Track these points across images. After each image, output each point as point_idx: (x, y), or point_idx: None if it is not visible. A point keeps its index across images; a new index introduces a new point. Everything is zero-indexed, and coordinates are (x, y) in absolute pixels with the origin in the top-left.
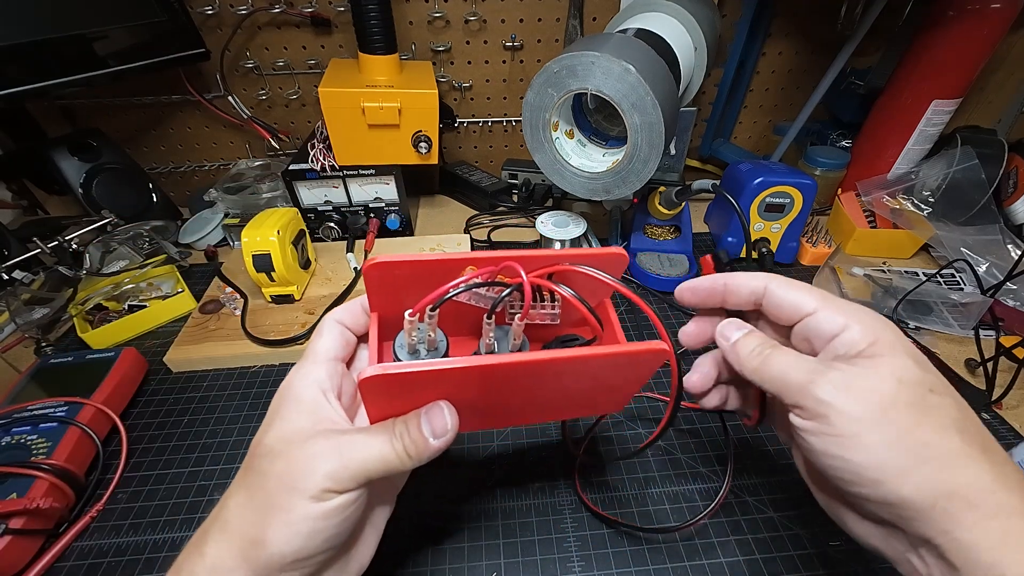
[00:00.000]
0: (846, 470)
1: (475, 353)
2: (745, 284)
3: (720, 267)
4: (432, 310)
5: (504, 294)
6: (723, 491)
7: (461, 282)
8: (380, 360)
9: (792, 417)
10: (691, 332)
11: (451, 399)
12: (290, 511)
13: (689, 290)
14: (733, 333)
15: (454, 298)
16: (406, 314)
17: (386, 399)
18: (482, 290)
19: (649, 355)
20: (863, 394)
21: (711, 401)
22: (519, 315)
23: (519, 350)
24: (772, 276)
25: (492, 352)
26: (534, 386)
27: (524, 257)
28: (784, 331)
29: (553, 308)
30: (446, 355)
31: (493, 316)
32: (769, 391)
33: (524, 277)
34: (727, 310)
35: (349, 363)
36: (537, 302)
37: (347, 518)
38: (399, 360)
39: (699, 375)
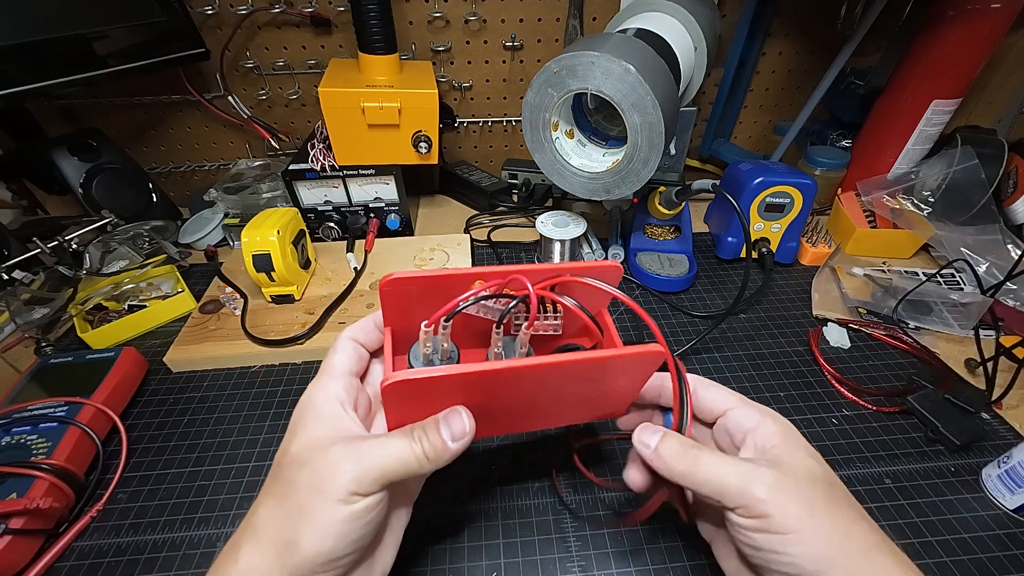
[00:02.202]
0: (788, 564)
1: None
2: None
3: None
4: (446, 321)
5: (511, 304)
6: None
7: (471, 295)
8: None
9: (734, 517)
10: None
11: (465, 404)
12: (320, 513)
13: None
14: (650, 438)
15: (464, 311)
16: (422, 325)
17: (406, 405)
18: (490, 302)
19: (646, 357)
20: (793, 493)
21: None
22: (526, 324)
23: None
24: (699, 380)
25: (499, 359)
26: (541, 391)
27: (527, 271)
28: (707, 427)
29: (556, 319)
30: (459, 363)
31: (501, 326)
32: (703, 494)
33: (530, 288)
34: (660, 406)
35: (362, 378)
36: (541, 313)
37: (372, 520)
38: (412, 367)
39: (635, 472)
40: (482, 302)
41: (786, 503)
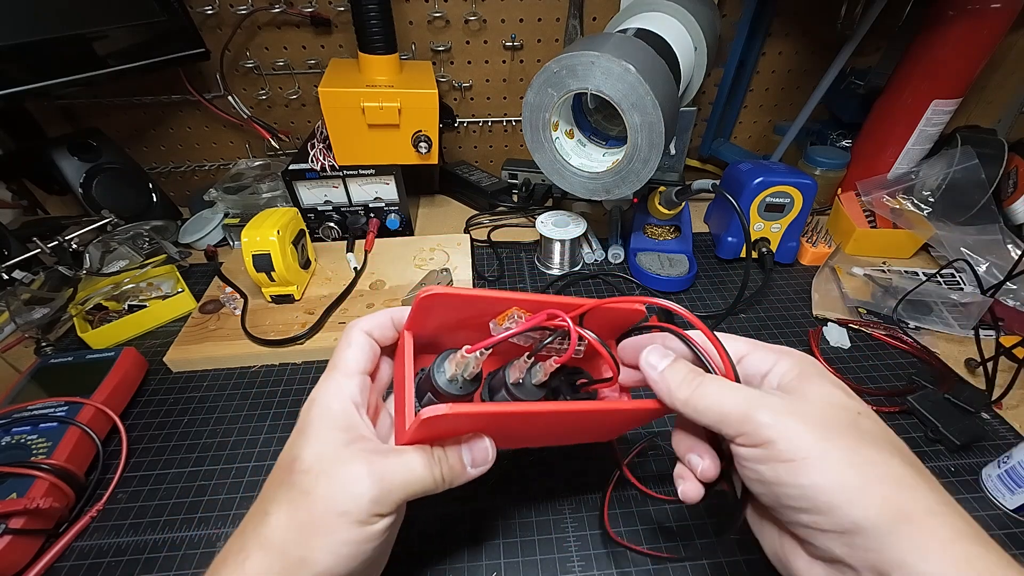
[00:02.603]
0: (799, 497)
1: (504, 375)
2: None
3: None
4: (487, 349)
5: (547, 340)
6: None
7: (520, 330)
8: (415, 374)
9: (735, 448)
10: (625, 372)
11: (487, 430)
12: (339, 534)
13: (631, 344)
14: (659, 361)
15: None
16: (464, 350)
17: (435, 430)
18: (532, 333)
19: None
20: (803, 417)
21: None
22: (555, 358)
23: (543, 384)
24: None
25: (519, 383)
26: (561, 423)
27: (562, 304)
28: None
29: (580, 347)
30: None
31: (533, 356)
32: (705, 423)
33: (571, 325)
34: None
35: (372, 375)
36: (561, 341)
37: (387, 538)
38: (436, 384)
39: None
40: (531, 332)
41: (792, 427)
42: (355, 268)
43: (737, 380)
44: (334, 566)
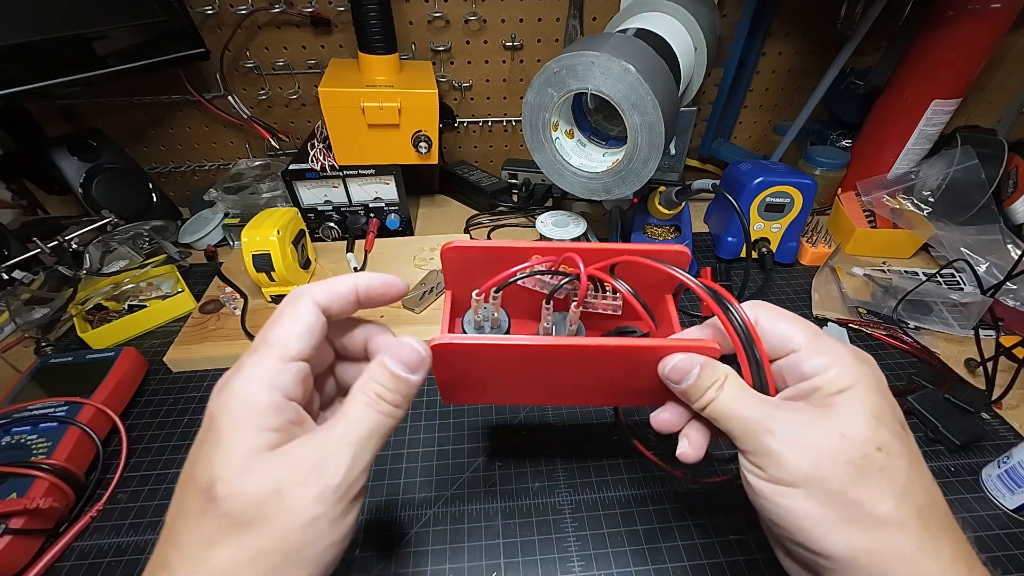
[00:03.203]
0: (776, 513)
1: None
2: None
3: (717, 278)
4: (496, 292)
5: (562, 282)
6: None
7: (525, 267)
8: (451, 332)
9: (739, 455)
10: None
11: (511, 374)
12: (317, 544)
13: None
14: (685, 371)
15: (520, 283)
16: (473, 294)
17: (453, 369)
18: (545, 277)
19: (697, 351)
20: (803, 448)
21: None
22: (575, 304)
23: (575, 335)
24: (763, 306)
25: (548, 333)
26: (584, 371)
27: (587, 249)
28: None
29: (615, 299)
30: (508, 333)
31: (551, 302)
32: (719, 427)
33: (581, 268)
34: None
35: (324, 376)
36: (599, 293)
37: (353, 525)
38: (464, 330)
39: (668, 413)
40: (536, 276)
41: (787, 454)
42: (355, 268)
43: (763, 388)
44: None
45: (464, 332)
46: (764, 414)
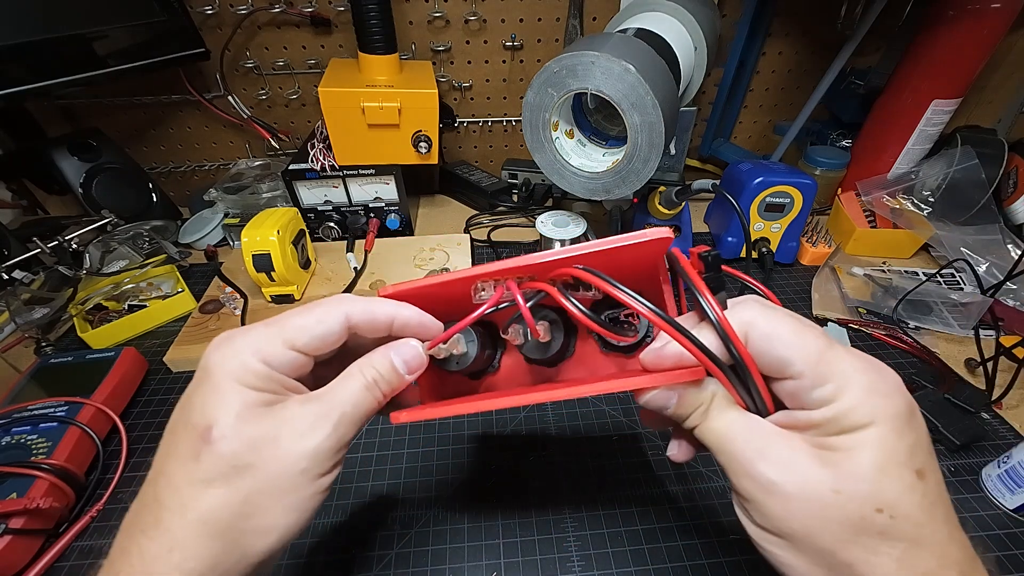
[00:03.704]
0: (765, 557)
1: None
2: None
3: (707, 268)
4: (445, 343)
5: (509, 322)
6: None
7: (460, 326)
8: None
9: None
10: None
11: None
12: (299, 492)
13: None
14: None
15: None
16: (421, 348)
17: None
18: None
19: (671, 381)
20: (792, 501)
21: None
22: (532, 331)
23: (551, 339)
24: (758, 307)
25: (522, 345)
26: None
27: (531, 266)
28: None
29: (594, 292)
30: (482, 352)
31: (508, 330)
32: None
33: (520, 301)
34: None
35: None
36: (578, 291)
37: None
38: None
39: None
40: (476, 317)
41: (775, 507)
42: (355, 268)
43: (759, 408)
44: (294, 524)
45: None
46: (752, 452)
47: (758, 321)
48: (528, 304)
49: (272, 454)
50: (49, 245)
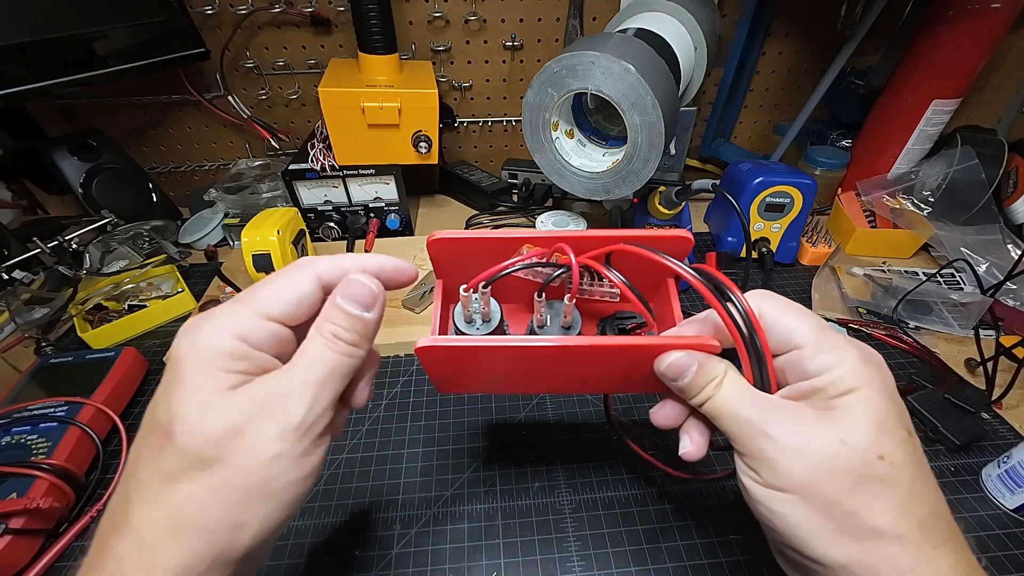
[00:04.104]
0: (771, 518)
1: (529, 326)
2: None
3: (722, 265)
4: (484, 287)
5: (554, 275)
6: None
7: (514, 261)
8: (443, 323)
9: (735, 455)
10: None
11: (502, 369)
12: (281, 479)
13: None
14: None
15: (512, 275)
16: (460, 289)
17: (444, 368)
18: (538, 268)
19: (694, 350)
20: (800, 454)
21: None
22: (568, 295)
23: (569, 327)
24: (768, 296)
25: (543, 326)
26: (577, 366)
27: (580, 238)
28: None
29: (612, 287)
30: (500, 324)
31: (543, 294)
32: (716, 425)
33: (572, 259)
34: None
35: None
36: (595, 280)
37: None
38: (456, 326)
39: (668, 408)
40: (529, 268)
41: (784, 462)
42: None
43: (765, 385)
44: (274, 517)
45: (454, 325)
46: (761, 416)
47: (768, 304)
48: (554, 275)
49: (239, 445)
50: (49, 245)
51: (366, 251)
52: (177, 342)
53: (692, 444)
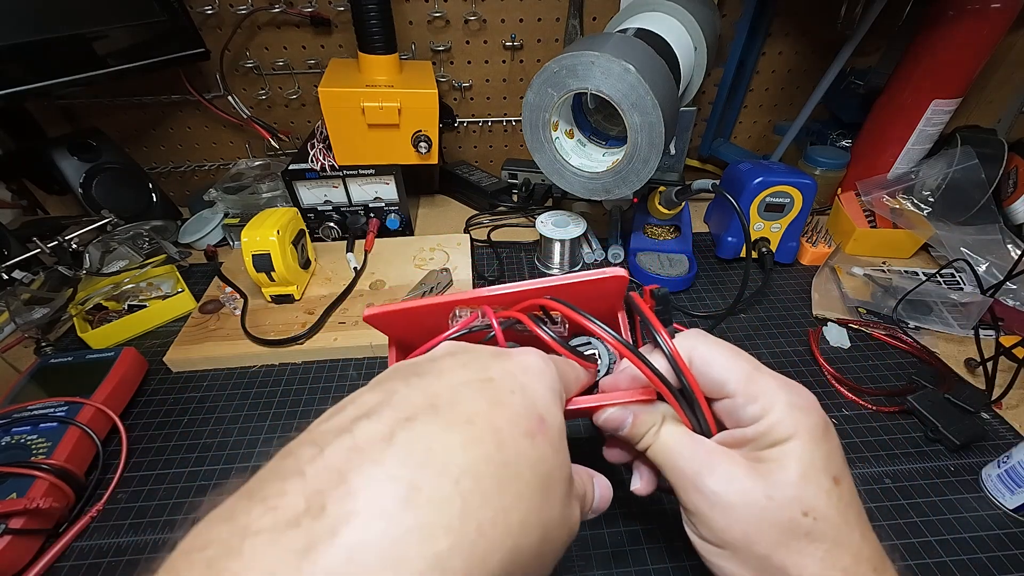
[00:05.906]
0: (712, 570)
1: None
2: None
3: (657, 303)
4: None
5: (486, 337)
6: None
7: (453, 331)
8: None
9: (680, 506)
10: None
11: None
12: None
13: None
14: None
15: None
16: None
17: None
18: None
19: (627, 402)
20: (732, 510)
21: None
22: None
23: None
24: (700, 338)
25: None
26: None
27: (506, 295)
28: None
29: (563, 328)
30: None
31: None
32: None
33: (495, 324)
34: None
35: None
36: (547, 323)
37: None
38: None
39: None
40: (466, 334)
41: (716, 517)
42: (355, 268)
43: (703, 430)
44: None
45: None
46: (697, 467)
47: (699, 348)
48: (502, 328)
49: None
50: (49, 245)
51: (366, 251)
52: (509, 364)
53: (641, 480)
